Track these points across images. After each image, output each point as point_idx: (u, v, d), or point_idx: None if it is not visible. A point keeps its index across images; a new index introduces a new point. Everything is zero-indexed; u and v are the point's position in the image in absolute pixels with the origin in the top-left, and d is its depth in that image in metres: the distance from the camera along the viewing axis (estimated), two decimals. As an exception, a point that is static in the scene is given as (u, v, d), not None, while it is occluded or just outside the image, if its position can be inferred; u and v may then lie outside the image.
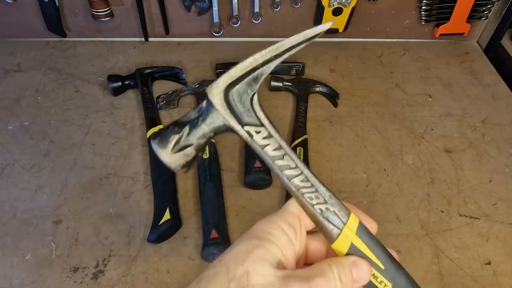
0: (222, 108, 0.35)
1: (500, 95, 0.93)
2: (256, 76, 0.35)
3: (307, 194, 0.35)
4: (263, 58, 0.35)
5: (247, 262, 0.32)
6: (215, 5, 0.93)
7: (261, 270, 0.32)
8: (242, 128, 0.35)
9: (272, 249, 0.33)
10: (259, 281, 0.31)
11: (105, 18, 0.93)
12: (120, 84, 0.85)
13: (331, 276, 0.33)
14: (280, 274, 0.32)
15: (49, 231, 0.64)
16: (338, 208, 0.36)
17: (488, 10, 0.99)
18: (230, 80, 0.35)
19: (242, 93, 0.35)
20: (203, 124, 0.35)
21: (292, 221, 0.35)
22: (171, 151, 0.35)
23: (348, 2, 0.93)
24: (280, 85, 0.88)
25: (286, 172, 0.35)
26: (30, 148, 0.76)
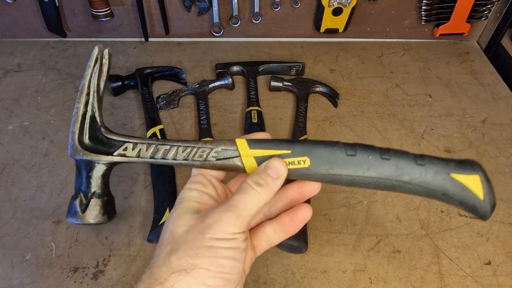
0: (90, 156, 0.39)
1: (500, 95, 0.93)
2: (91, 117, 0.40)
3: (195, 157, 0.39)
4: (81, 103, 0.40)
5: (167, 225, 0.37)
6: (215, 5, 0.93)
7: (179, 221, 0.36)
8: (113, 156, 0.40)
9: (185, 204, 0.38)
10: (181, 230, 0.35)
11: (105, 18, 0.93)
12: (120, 84, 0.85)
13: (247, 187, 0.37)
14: (199, 215, 0.36)
15: (49, 231, 0.64)
16: (223, 144, 0.39)
17: (488, 10, 0.99)
18: (77, 135, 0.39)
19: (93, 136, 0.40)
20: (88, 179, 0.40)
21: (199, 179, 0.40)
22: (82, 213, 0.39)
23: (348, 2, 0.93)
24: (280, 85, 0.88)
25: (169, 156, 0.40)
26: (30, 148, 0.76)
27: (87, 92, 0.40)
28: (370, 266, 0.61)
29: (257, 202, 0.37)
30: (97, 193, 0.40)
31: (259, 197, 0.37)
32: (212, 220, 0.35)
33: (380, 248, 0.64)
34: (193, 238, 0.34)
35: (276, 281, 0.59)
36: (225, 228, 0.34)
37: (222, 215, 0.35)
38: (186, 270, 0.33)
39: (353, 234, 0.65)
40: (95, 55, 0.41)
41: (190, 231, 0.35)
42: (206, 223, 0.35)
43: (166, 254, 0.34)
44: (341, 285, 0.59)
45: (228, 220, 0.35)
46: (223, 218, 0.35)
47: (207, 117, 0.80)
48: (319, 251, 0.63)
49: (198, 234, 0.34)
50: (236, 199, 0.36)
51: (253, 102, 0.83)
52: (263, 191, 0.37)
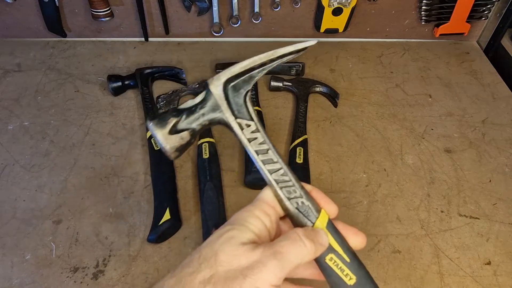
0: (220, 99, 0.38)
1: (500, 95, 0.93)
2: (252, 75, 0.39)
3: (285, 188, 0.37)
4: (260, 60, 0.40)
5: (216, 244, 0.34)
6: (215, 5, 0.93)
7: (228, 247, 0.34)
8: (235, 120, 0.38)
9: (244, 230, 0.35)
10: (225, 258, 0.33)
11: (105, 18, 0.93)
12: (120, 84, 0.85)
13: (296, 237, 0.35)
14: (247, 247, 0.34)
15: (49, 231, 0.64)
16: (312, 203, 0.37)
17: (488, 10, 0.99)
18: (230, 75, 0.38)
19: (238, 89, 0.39)
20: (201, 112, 0.38)
21: (267, 210, 0.37)
22: (168, 132, 0.37)
23: (348, 2, 0.93)
24: (280, 85, 0.88)
25: (268, 167, 0.38)
26: (30, 148, 0.76)
27: (272, 58, 0.40)
28: (370, 266, 0.61)
29: (302, 256, 0.35)
30: (193, 130, 0.38)
31: (306, 251, 0.35)
32: (255, 260, 0.33)
33: (380, 248, 0.64)
34: (233, 276, 0.32)
35: (276, 281, 0.59)
36: (267, 277, 0.32)
37: (267, 261, 0.33)
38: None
39: (353, 234, 0.65)
40: (307, 46, 0.42)
41: (234, 267, 0.33)
42: (250, 263, 0.33)
43: (203, 279, 0.33)
44: (341, 285, 0.59)
45: (272, 270, 0.33)
46: (268, 265, 0.33)
47: (207, 117, 0.80)
48: (319, 251, 0.63)
49: (239, 273, 0.33)
50: (283, 247, 0.34)
51: (253, 102, 0.83)
52: (310, 247, 0.35)
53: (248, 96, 0.39)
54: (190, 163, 0.74)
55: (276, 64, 0.40)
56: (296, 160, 0.72)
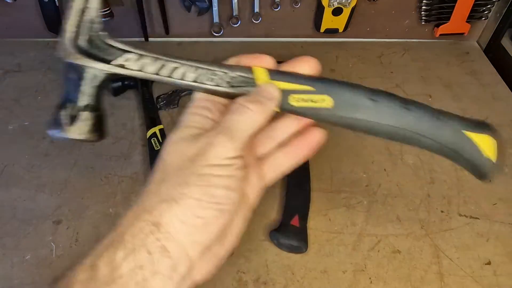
0: (83, 61, 0.34)
1: (500, 95, 0.93)
2: (90, 15, 0.36)
3: (206, 80, 0.36)
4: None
5: (161, 153, 0.34)
6: (215, 5, 0.93)
7: (171, 147, 0.34)
8: (111, 65, 0.35)
9: (184, 130, 0.34)
10: (171, 157, 0.33)
11: (105, 18, 0.93)
12: (120, 84, 0.85)
13: (238, 106, 0.34)
14: (191, 139, 0.33)
15: (49, 231, 0.64)
16: (240, 70, 0.36)
17: (488, 10, 0.99)
18: (71, 34, 0.34)
19: (90, 39, 0.35)
20: (80, 87, 0.34)
21: (203, 104, 0.36)
22: (69, 126, 0.34)
23: (348, 2, 0.93)
24: (280, 85, 0.88)
25: (177, 75, 0.35)
26: (30, 148, 0.76)
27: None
28: (370, 266, 0.61)
29: (252, 121, 0.34)
30: (90, 106, 0.34)
31: (253, 115, 0.34)
32: (202, 145, 0.32)
33: (380, 248, 0.64)
34: (183, 166, 0.32)
35: (276, 281, 0.59)
36: (218, 152, 0.31)
37: (213, 138, 0.32)
38: (175, 199, 0.30)
39: (353, 234, 0.65)
40: None
41: (182, 158, 0.32)
42: (196, 149, 0.32)
43: (157, 182, 0.32)
44: (341, 285, 0.59)
45: (221, 143, 0.32)
46: (214, 141, 0.32)
47: (207, 117, 0.80)
48: (319, 251, 0.63)
49: (188, 161, 0.32)
50: (227, 121, 0.33)
51: (253, 102, 0.83)
52: (256, 109, 0.34)
53: (104, 36, 0.36)
54: (190, 163, 0.74)
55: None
56: (296, 160, 0.72)
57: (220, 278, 0.59)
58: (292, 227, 0.63)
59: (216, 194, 0.31)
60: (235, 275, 0.60)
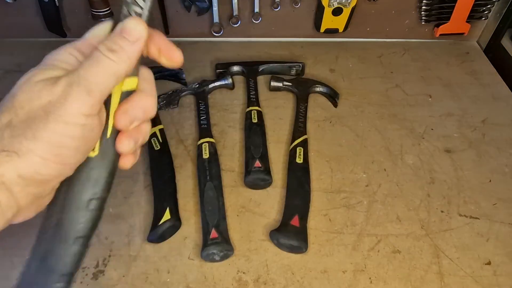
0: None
1: (500, 95, 0.93)
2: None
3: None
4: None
5: (15, 86, 0.32)
6: (215, 5, 0.93)
7: (27, 86, 0.31)
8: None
9: (50, 68, 0.32)
10: (23, 97, 0.30)
11: (105, 18, 0.93)
12: (120, 84, 0.85)
13: (99, 55, 0.31)
14: (48, 82, 0.30)
15: (49, 231, 0.64)
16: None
17: (488, 10, 0.99)
18: None
19: None
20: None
21: (83, 48, 0.34)
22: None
23: (348, 2, 0.93)
24: (280, 85, 0.88)
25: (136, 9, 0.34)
26: (30, 148, 0.75)
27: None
28: (370, 266, 0.61)
29: (113, 73, 0.31)
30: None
31: (115, 66, 0.31)
32: (58, 93, 0.29)
33: (380, 248, 0.64)
34: (35, 115, 0.28)
35: (276, 281, 0.59)
36: (72, 108, 0.28)
37: (70, 90, 0.29)
38: (17, 152, 0.28)
39: (353, 234, 0.65)
40: None
41: (35, 104, 0.29)
42: (52, 96, 0.29)
43: (2, 124, 0.29)
44: (341, 285, 0.59)
45: (77, 98, 0.29)
46: (71, 94, 0.29)
47: (207, 117, 0.80)
48: (319, 251, 0.63)
49: (41, 110, 0.28)
50: (85, 69, 0.30)
51: (253, 102, 0.83)
52: (118, 58, 0.31)
53: None
54: (190, 163, 0.74)
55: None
56: (296, 160, 0.72)
57: (220, 278, 0.59)
58: (292, 227, 0.63)
59: (65, 154, 0.29)
60: (235, 275, 0.60)
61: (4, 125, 0.29)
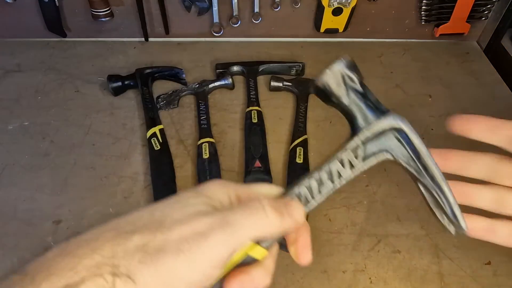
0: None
1: (500, 95, 0.92)
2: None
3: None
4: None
5: (168, 206, 0.30)
6: (215, 5, 0.93)
7: (178, 211, 0.29)
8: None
9: (207, 201, 0.30)
10: (168, 222, 0.28)
11: (105, 18, 0.93)
12: (120, 84, 0.85)
13: (258, 206, 0.30)
14: (198, 212, 0.29)
15: (49, 231, 0.64)
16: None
17: (488, 10, 0.99)
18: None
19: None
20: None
21: (241, 194, 0.33)
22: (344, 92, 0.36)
23: (348, 2, 0.93)
24: (280, 85, 0.88)
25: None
26: (30, 148, 0.76)
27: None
28: (370, 266, 0.61)
29: (262, 228, 0.29)
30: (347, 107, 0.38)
31: (268, 222, 0.29)
32: (197, 235, 0.27)
33: (380, 248, 0.64)
34: (167, 249, 0.27)
35: (276, 281, 0.59)
36: (205, 254, 0.27)
37: (211, 232, 0.27)
38: (135, 282, 0.26)
39: (353, 234, 0.65)
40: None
41: (175, 233, 0.27)
42: (191, 233, 0.27)
43: (136, 246, 0.27)
44: (341, 285, 0.59)
45: (214, 244, 0.27)
46: (210, 237, 0.27)
47: (207, 117, 0.80)
48: (319, 251, 0.63)
49: (175, 246, 0.27)
50: (236, 214, 0.28)
51: (253, 102, 0.83)
52: (273, 217, 0.29)
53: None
54: (190, 163, 0.74)
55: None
56: (296, 160, 0.72)
57: (220, 278, 0.59)
58: (292, 227, 0.63)
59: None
60: (235, 275, 0.60)
61: (139, 247, 0.26)
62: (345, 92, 0.36)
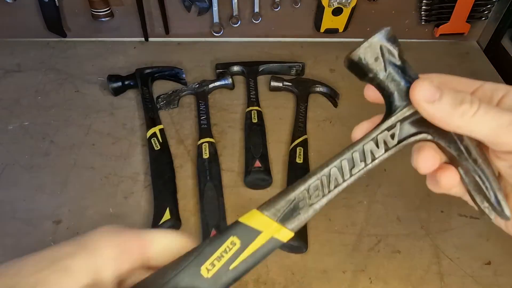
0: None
1: (500, 95, 0.92)
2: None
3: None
4: None
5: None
6: (215, 5, 0.93)
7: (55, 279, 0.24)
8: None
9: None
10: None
11: (105, 18, 0.93)
12: (120, 84, 0.85)
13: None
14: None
15: (49, 231, 0.64)
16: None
17: (488, 10, 0.99)
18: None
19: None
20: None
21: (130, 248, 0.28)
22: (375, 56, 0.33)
23: (348, 2, 0.93)
24: (280, 85, 0.88)
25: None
26: (30, 148, 0.76)
27: None
28: (370, 266, 0.61)
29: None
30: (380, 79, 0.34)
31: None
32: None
33: (380, 248, 0.64)
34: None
35: (276, 281, 0.59)
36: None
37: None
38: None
39: (353, 234, 0.65)
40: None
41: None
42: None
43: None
44: (341, 285, 0.59)
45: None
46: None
47: (207, 117, 0.80)
48: (319, 251, 0.63)
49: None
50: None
51: (253, 102, 0.83)
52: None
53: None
54: (190, 163, 0.74)
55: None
56: (296, 160, 0.72)
57: (220, 278, 0.59)
58: (292, 227, 0.62)
59: None
60: (235, 275, 0.60)
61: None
62: (383, 67, 0.33)
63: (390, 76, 0.32)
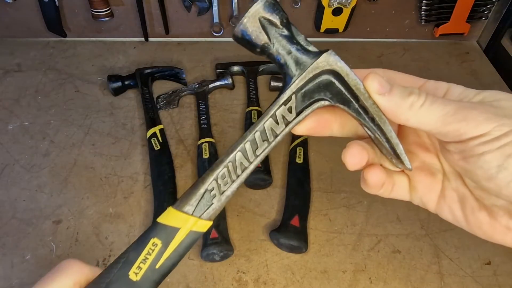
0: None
1: (500, 95, 0.92)
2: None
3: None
4: None
5: None
6: (215, 5, 0.93)
7: None
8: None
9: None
10: None
11: (105, 18, 0.93)
12: (120, 84, 0.85)
13: None
14: None
15: (49, 231, 0.64)
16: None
17: (488, 10, 0.99)
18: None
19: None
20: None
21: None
22: (259, 23, 0.32)
23: (348, 2, 0.93)
24: (280, 85, 0.88)
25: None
26: (30, 148, 0.76)
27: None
28: (370, 266, 0.61)
29: None
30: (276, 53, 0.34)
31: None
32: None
33: (380, 248, 0.64)
34: None
35: (276, 281, 0.59)
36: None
37: None
38: None
39: (353, 234, 0.65)
40: None
41: None
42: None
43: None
44: (341, 285, 0.59)
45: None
46: None
47: (207, 117, 0.80)
48: (319, 251, 0.63)
49: None
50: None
51: (253, 102, 0.83)
52: None
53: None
54: (190, 163, 0.74)
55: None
56: (296, 160, 0.72)
57: (220, 278, 0.59)
58: (292, 227, 0.63)
59: None
60: (235, 275, 0.60)
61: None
62: (267, 39, 0.31)
63: (278, 47, 0.32)
